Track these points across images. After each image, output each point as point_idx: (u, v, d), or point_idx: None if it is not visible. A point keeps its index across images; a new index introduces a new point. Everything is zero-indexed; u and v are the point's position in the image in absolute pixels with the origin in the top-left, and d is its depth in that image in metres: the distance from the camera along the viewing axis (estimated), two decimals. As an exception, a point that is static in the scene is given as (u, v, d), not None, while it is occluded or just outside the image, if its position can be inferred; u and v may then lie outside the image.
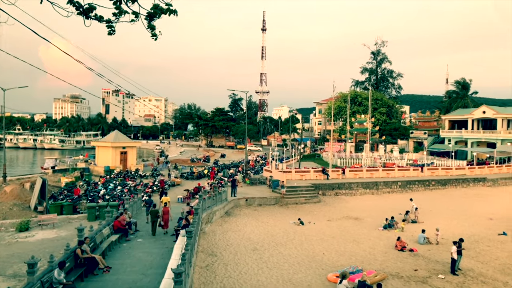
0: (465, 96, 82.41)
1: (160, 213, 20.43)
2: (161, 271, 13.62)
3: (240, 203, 30.81)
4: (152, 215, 20.34)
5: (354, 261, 18.78)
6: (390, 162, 50.39)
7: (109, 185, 37.35)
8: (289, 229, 24.45)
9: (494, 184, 44.70)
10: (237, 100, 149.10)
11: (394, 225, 25.68)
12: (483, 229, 26.01)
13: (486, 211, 31.14)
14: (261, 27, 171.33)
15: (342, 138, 72.97)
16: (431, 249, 21.25)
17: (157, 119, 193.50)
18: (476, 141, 65.48)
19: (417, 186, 40.66)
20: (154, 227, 20.07)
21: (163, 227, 20.38)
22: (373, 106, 73.90)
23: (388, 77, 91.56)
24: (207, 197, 25.45)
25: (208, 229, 23.31)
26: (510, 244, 22.57)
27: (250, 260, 18.26)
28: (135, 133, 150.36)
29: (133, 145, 57.17)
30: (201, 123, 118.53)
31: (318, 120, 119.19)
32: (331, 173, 39.98)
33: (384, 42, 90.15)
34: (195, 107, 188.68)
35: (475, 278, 17.21)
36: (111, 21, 6.32)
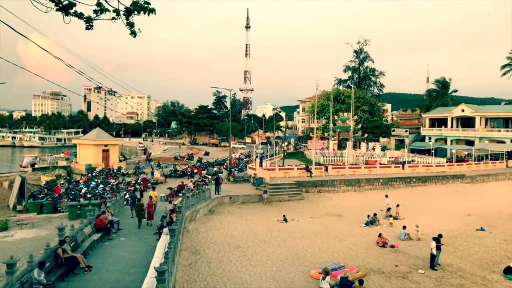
0: (445, 94, 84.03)
1: (145, 206, 21.70)
2: (144, 269, 13.53)
3: (224, 201, 30.79)
4: (137, 208, 21.44)
5: (337, 258, 19.02)
6: (372, 160, 51.05)
7: (91, 184, 36.84)
8: (272, 227, 24.57)
9: (472, 181, 45.76)
10: (221, 98, 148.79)
11: (375, 222, 26.07)
12: (461, 225, 26.64)
13: (465, 207, 31.88)
14: (245, 24, 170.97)
15: (325, 136, 73.58)
16: (412, 245, 21.67)
17: (139, 116, 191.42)
18: (456, 139, 66.89)
19: (398, 183, 41.34)
20: (140, 221, 21.21)
21: (148, 219, 21.67)
22: (356, 104, 74.71)
23: (370, 75, 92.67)
24: (191, 195, 25.36)
25: (191, 227, 23.25)
26: (487, 240, 23.18)
27: (234, 257, 18.31)
28: (117, 130, 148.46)
29: (115, 143, 56.48)
30: (184, 121, 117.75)
31: (301, 118, 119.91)
32: (314, 171, 40.29)
33: (367, 41, 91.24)
34: (178, 105, 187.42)
35: (454, 272, 17.63)
36: (91, 18, 6.25)
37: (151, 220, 21.78)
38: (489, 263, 19.23)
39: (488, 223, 27.17)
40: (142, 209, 21.42)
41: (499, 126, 64.74)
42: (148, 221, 21.74)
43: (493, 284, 16.48)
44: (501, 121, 65.11)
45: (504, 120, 64.65)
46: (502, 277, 17.28)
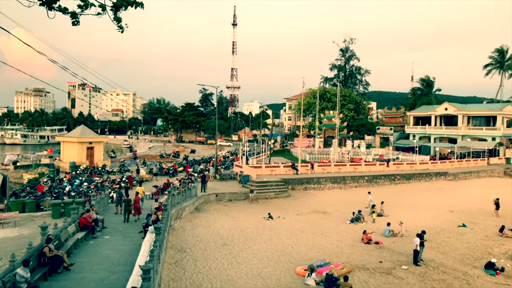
0: (429, 93, 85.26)
1: (132, 202, 22.38)
2: (129, 268, 13.44)
3: (210, 198, 30.74)
4: (125, 204, 22.31)
5: (322, 254, 19.19)
6: (357, 157, 51.58)
7: (75, 182, 36.34)
8: (258, 224, 24.64)
9: (455, 178, 46.61)
10: (207, 95, 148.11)
11: (360, 219, 26.37)
12: (444, 221, 27.14)
13: (447, 204, 32.47)
14: (232, 22, 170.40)
15: (311, 133, 74.00)
16: (396, 242, 22.00)
17: (125, 113, 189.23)
18: (439, 137, 68.00)
19: (383, 181, 41.86)
20: (127, 216, 22.05)
21: (134, 214, 22.33)
22: (342, 102, 75.28)
23: (356, 73, 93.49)
24: (177, 193, 25.24)
25: (177, 225, 23.15)
26: (469, 236, 23.68)
27: (220, 255, 18.31)
28: (102, 128, 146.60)
29: (100, 140, 55.76)
30: (170, 118, 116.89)
31: (288, 116, 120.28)
32: (300, 168, 40.51)
33: (353, 40, 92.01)
34: (164, 102, 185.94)
35: (436, 268, 17.97)
36: (76, 13, 6.17)
37: (138, 215, 22.43)
38: (470, 258, 19.65)
39: (470, 219, 27.75)
40: (129, 204, 22.19)
41: (481, 124, 66.03)
42: (135, 216, 22.39)
43: (474, 279, 16.86)
44: (483, 120, 66.43)
45: (485, 118, 65.97)
46: (483, 272, 17.70)
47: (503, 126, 62.21)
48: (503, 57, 79.52)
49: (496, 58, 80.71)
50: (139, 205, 22.67)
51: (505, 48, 79.71)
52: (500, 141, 60.79)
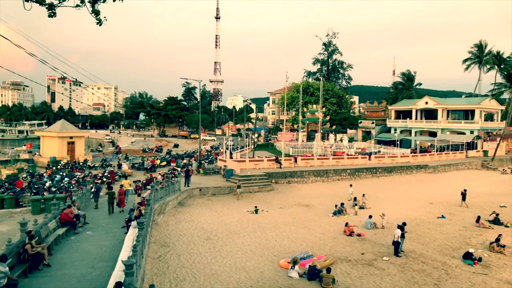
0: (410, 87, 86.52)
1: (116, 194, 23.06)
2: (112, 263, 13.34)
3: (193, 193, 30.64)
4: (109, 196, 22.81)
5: (305, 247, 19.40)
6: (340, 151, 52.12)
7: (56, 177, 35.71)
8: (242, 218, 24.71)
9: (435, 170, 47.59)
10: (190, 89, 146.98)
11: (343, 211, 26.72)
12: (424, 212, 27.74)
13: (427, 196, 33.16)
14: (215, 15, 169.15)
15: (295, 127, 74.37)
16: (377, 233, 22.39)
17: (106, 108, 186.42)
18: (419, 130, 69.19)
19: (365, 174, 42.43)
20: (111, 207, 22.68)
21: (119, 205, 22.95)
22: (324, 97, 75.77)
23: (338, 68, 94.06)
24: (160, 188, 25.08)
25: (160, 220, 23.04)
26: (447, 227, 24.27)
27: (204, 249, 18.33)
28: (83, 122, 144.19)
29: (81, 135, 54.90)
30: (153, 112, 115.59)
31: (271, 110, 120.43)
32: (283, 162, 40.71)
33: (335, 34, 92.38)
34: (146, 96, 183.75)
35: (416, 259, 18.39)
36: (53, 5, 6.06)
37: (123, 207, 23.03)
38: (449, 249, 20.17)
39: (449, 210, 28.43)
40: (113, 197, 22.86)
41: (459, 118, 67.45)
42: (120, 208, 23.00)
43: (453, 269, 17.32)
44: (462, 113, 67.86)
45: (464, 112, 67.41)
46: (461, 262, 18.19)
47: (481, 120, 63.70)
48: (482, 52, 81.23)
49: (475, 53, 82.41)
50: (123, 197, 23.21)
51: (484, 43, 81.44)
52: (478, 134, 62.26)
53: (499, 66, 76.21)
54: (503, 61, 75.70)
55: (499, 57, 77.38)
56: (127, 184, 27.12)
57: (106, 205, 23.69)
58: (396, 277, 16.09)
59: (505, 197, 34.07)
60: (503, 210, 28.58)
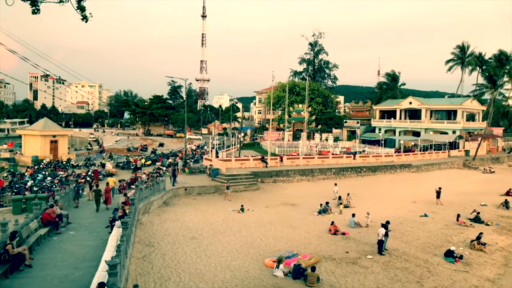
0: (395, 87, 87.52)
1: (103, 192, 23.42)
2: (95, 264, 13.18)
3: (179, 192, 30.47)
4: (95, 194, 23.11)
5: (290, 246, 19.49)
6: (325, 150, 52.48)
7: (38, 176, 35.10)
8: (228, 217, 24.69)
9: (418, 170, 48.29)
10: (176, 88, 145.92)
11: (328, 210, 26.93)
12: (407, 211, 28.16)
13: (410, 195, 33.64)
14: (201, 13, 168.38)
15: (281, 127, 74.55)
16: (361, 232, 22.64)
17: (91, 106, 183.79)
18: (403, 130, 70.09)
19: (349, 173, 42.81)
20: (97, 205, 22.88)
21: (106, 203, 23.28)
22: (310, 96, 76.19)
23: (324, 68, 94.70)
24: (144, 187, 24.88)
25: (145, 220, 22.86)
26: (430, 225, 24.68)
27: (189, 249, 18.26)
28: (66, 120, 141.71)
29: (65, 134, 54.00)
30: (138, 111, 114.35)
31: (258, 109, 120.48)
32: (269, 161, 40.80)
33: (321, 34, 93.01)
34: (131, 94, 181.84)
35: (399, 257, 18.67)
36: (37, 0, 5.97)
37: (109, 204, 23.31)
38: (431, 247, 20.52)
39: (431, 209, 28.92)
40: (100, 194, 23.14)
41: (442, 118, 68.52)
42: (107, 206, 23.24)
43: (435, 267, 17.64)
44: (444, 113, 68.95)
45: (447, 112, 68.51)
46: (442, 260, 18.54)
47: (463, 120, 64.87)
48: (464, 54, 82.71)
49: (457, 54, 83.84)
50: (109, 194, 23.67)
51: (466, 45, 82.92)
52: (460, 134, 63.41)
53: (480, 68, 77.70)
54: (484, 63, 77.18)
55: (480, 59, 78.87)
56: (112, 182, 27.16)
57: (88, 204, 23.42)
58: (379, 275, 16.31)
59: (486, 196, 34.80)
60: (483, 209, 29.19)
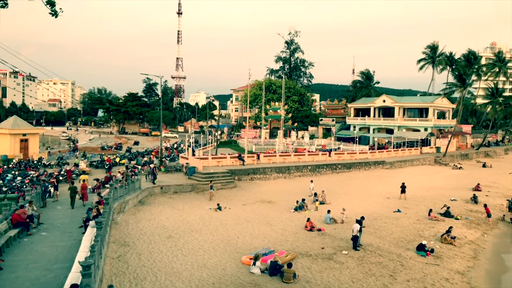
0: (369, 86, 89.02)
1: (79, 189, 24.16)
2: (68, 265, 12.93)
3: (154, 191, 30.13)
4: (71, 191, 23.64)
5: (267, 243, 19.62)
6: (301, 148, 52.95)
7: (7, 176, 33.96)
8: (204, 215, 24.60)
9: (392, 166, 49.39)
10: (151, 85, 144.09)
11: (304, 207, 27.21)
12: (381, 207, 28.78)
13: (384, 191, 34.39)
14: (177, 10, 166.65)
15: (258, 125, 74.68)
16: (337, 228, 23.00)
17: (63, 104, 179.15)
18: (377, 128, 71.45)
19: (325, 170, 43.37)
20: (73, 202, 23.46)
21: (83, 199, 24.13)
22: (286, 94, 76.64)
23: (300, 66, 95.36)
24: (119, 186, 24.49)
25: (120, 219, 22.51)
26: (403, 220, 25.31)
27: (165, 248, 18.11)
28: (37, 119, 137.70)
29: (36, 132, 52.43)
30: (112, 109, 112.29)
31: (235, 107, 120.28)
32: (246, 159, 40.87)
33: (297, 32, 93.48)
34: (106, 92, 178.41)
35: (374, 252, 19.08)
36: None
37: (86, 201, 24.07)
38: (404, 241, 21.07)
39: (404, 205, 29.65)
40: (75, 191, 23.72)
41: (414, 116, 70.19)
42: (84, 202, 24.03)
43: (407, 261, 18.13)
44: (417, 111, 70.66)
45: (419, 110, 70.23)
46: (415, 254, 19.08)
47: (434, 118, 66.66)
48: (435, 53, 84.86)
49: (428, 53, 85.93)
50: (86, 191, 24.50)
51: (437, 44, 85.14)
52: (431, 131, 65.17)
53: (450, 67, 79.93)
54: (454, 62, 79.44)
55: (450, 58, 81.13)
56: (86, 179, 27.54)
57: (60, 204, 22.92)
58: (354, 270, 16.64)
59: (455, 191, 35.97)
60: (453, 204, 30.18)
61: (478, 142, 75.80)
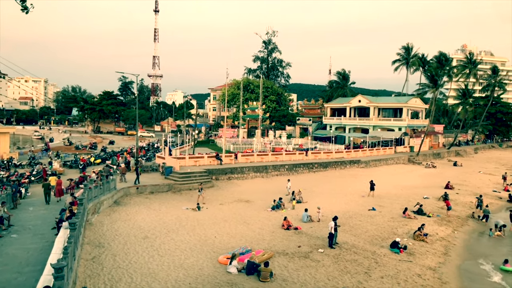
0: (345, 86, 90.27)
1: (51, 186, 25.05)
2: (40, 267, 12.63)
3: (130, 191, 29.69)
4: (44, 187, 24.50)
5: (244, 242, 19.67)
6: (278, 147, 53.22)
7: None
8: (181, 215, 24.43)
9: (367, 165, 50.28)
10: (127, 84, 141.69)
11: (281, 206, 27.39)
12: (356, 205, 29.28)
13: (359, 190, 34.98)
14: (154, 8, 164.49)
15: (236, 124, 74.64)
16: (313, 226, 23.27)
17: (35, 102, 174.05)
18: (353, 127, 72.60)
19: (302, 169, 43.76)
20: (48, 198, 24.36)
21: (56, 195, 25.00)
22: (264, 94, 76.88)
23: (278, 66, 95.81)
24: (94, 187, 24.00)
25: (95, 220, 22.09)
26: (377, 218, 25.83)
27: (141, 248, 17.90)
28: (8, 117, 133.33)
29: (6, 131, 50.82)
30: (87, 107, 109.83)
31: (212, 106, 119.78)
32: (224, 158, 40.78)
33: (275, 32, 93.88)
34: (80, 90, 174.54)
35: (349, 249, 19.41)
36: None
37: (61, 196, 25.09)
38: (378, 239, 21.52)
39: (379, 203, 30.26)
40: (49, 188, 24.63)
41: (389, 115, 71.67)
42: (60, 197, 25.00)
43: (381, 258, 18.54)
44: (391, 111, 72.16)
45: (393, 110, 71.73)
46: (389, 251, 19.53)
47: (408, 117, 68.24)
48: (409, 54, 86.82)
49: (403, 55, 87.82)
50: (61, 187, 25.45)
51: (411, 46, 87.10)
52: (405, 131, 66.72)
53: (423, 68, 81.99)
54: (427, 63, 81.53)
55: (423, 59, 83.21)
56: (54, 180, 27.11)
57: (31, 205, 22.34)
58: (330, 268, 16.89)
59: (428, 189, 36.97)
60: (426, 201, 31.00)
61: (449, 142, 78.07)
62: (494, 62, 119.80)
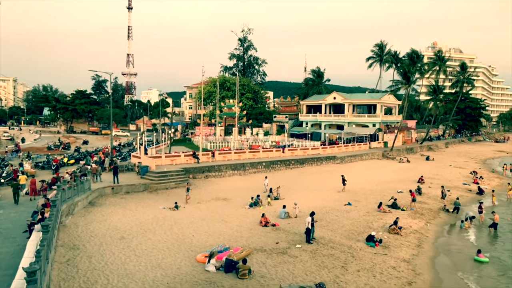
0: (320, 83, 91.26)
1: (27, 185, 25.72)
2: (12, 272, 12.27)
3: (105, 191, 29.15)
4: (13, 187, 24.22)
5: (222, 240, 19.66)
6: (256, 144, 53.42)
7: None
8: (158, 215, 24.18)
9: (342, 161, 51.04)
10: (101, 82, 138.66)
11: (259, 203, 27.51)
12: (332, 201, 29.71)
13: (335, 185, 35.46)
14: (127, 5, 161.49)
15: (212, 122, 74.31)
16: (291, 223, 23.48)
17: (4, 102, 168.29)
18: (328, 124, 73.50)
19: (279, 166, 44.03)
20: (16, 198, 23.98)
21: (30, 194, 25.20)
22: (241, 92, 76.83)
23: (254, 63, 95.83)
24: (67, 187, 23.45)
25: (69, 222, 21.59)
26: (353, 213, 26.29)
27: (117, 249, 17.63)
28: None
29: (-28, 132, 49.02)
30: (59, 107, 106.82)
31: (189, 105, 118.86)
32: (201, 157, 40.58)
33: (250, 30, 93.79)
34: (51, 89, 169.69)
35: (326, 244, 19.70)
36: None
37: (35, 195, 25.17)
38: (354, 233, 21.92)
39: (354, 198, 30.79)
40: (18, 187, 24.33)
41: (363, 112, 72.94)
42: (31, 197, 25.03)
43: (358, 252, 18.89)
44: (366, 108, 73.44)
45: (367, 106, 73.04)
46: (364, 245, 19.93)
47: (381, 114, 69.62)
48: (382, 51, 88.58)
49: (376, 52, 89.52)
50: (35, 186, 25.53)
51: (384, 43, 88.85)
52: (379, 127, 68.06)
53: (396, 65, 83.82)
54: (399, 60, 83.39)
55: (396, 57, 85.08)
56: (24, 180, 27.50)
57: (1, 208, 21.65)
58: (308, 263, 17.10)
59: (402, 183, 37.86)
60: (399, 196, 31.75)
61: (421, 137, 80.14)
62: (463, 59, 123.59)
